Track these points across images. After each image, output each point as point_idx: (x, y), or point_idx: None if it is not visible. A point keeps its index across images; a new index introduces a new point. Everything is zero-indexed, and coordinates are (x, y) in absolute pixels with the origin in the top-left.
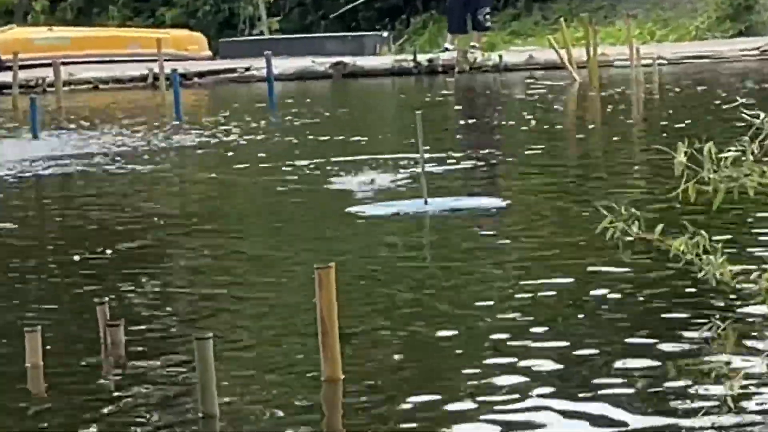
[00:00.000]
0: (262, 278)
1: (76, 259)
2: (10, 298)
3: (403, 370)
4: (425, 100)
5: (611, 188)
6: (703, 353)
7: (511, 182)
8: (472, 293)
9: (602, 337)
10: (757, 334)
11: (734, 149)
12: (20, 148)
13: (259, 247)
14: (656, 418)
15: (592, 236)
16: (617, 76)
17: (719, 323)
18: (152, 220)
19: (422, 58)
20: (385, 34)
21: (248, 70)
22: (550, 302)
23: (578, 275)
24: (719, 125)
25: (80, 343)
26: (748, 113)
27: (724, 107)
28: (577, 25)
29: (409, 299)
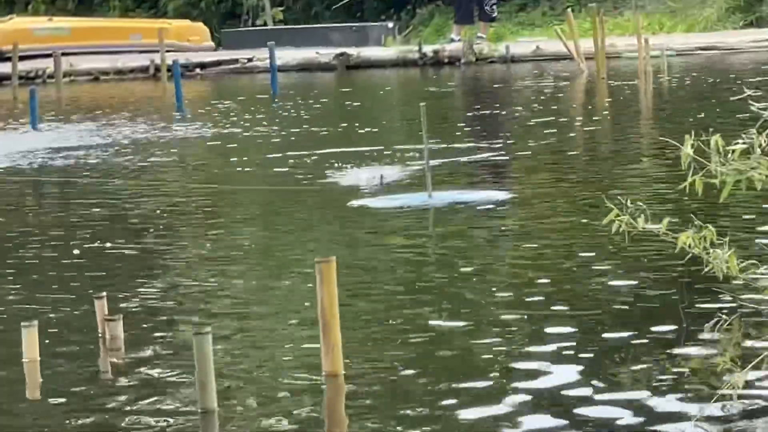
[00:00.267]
0: (262, 272)
1: (75, 252)
2: (7, 291)
3: (404, 364)
4: (430, 91)
5: (618, 180)
6: (709, 347)
7: (516, 175)
8: (476, 287)
9: (607, 330)
10: (763, 327)
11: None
12: (19, 139)
13: (259, 240)
14: (662, 411)
15: (597, 229)
16: (625, 67)
17: (725, 317)
18: (152, 212)
19: (428, 49)
20: (390, 24)
21: (251, 61)
22: (555, 296)
23: (583, 268)
24: (727, 117)
25: (78, 337)
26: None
27: (732, 99)
28: (584, 15)
29: (411, 293)
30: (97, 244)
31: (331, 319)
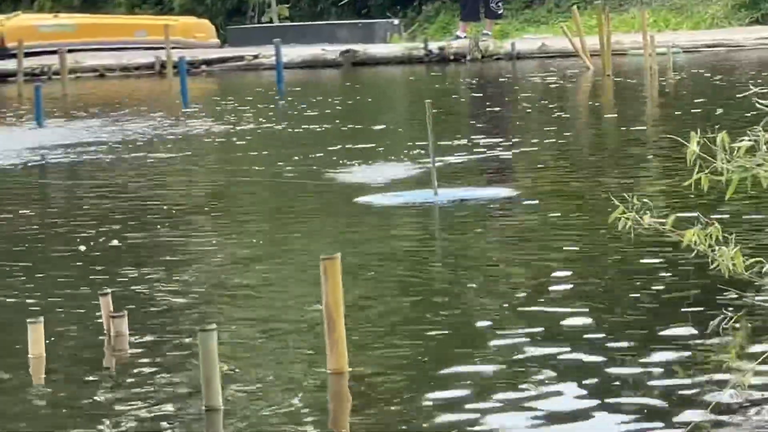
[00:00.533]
0: (267, 268)
1: (81, 248)
2: (13, 288)
3: (409, 362)
4: (436, 88)
5: (624, 178)
6: (714, 344)
7: (522, 172)
8: (481, 284)
9: (612, 328)
10: None
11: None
12: (24, 136)
13: (265, 237)
14: (667, 408)
15: (603, 226)
16: (631, 64)
17: (731, 314)
18: (158, 209)
19: (433, 46)
20: (396, 21)
21: (257, 57)
22: (560, 293)
23: (588, 265)
24: (733, 114)
25: (83, 334)
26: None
27: (738, 96)
28: (590, 12)
29: (416, 290)
30: (102, 240)
31: (335, 316)
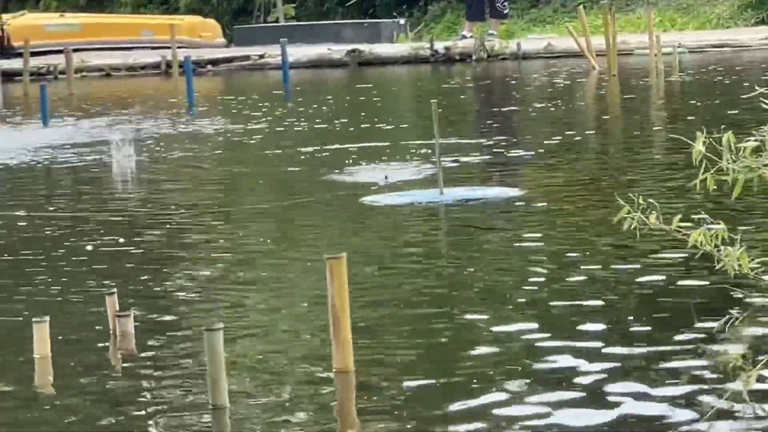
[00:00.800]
0: (273, 268)
1: (88, 248)
2: (19, 287)
3: (415, 361)
4: (442, 88)
5: (629, 178)
6: (719, 345)
7: (527, 172)
8: (487, 284)
9: (617, 328)
10: None
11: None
12: (30, 135)
13: (270, 236)
14: (672, 408)
15: (608, 226)
16: (636, 64)
17: (737, 315)
18: (163, 209)
19: (439, 45)
20: (402, 21)
21: (262, 57)
22: (565, 293)
23: (594, 266)
24: (739, 114)
25: (89, 333)
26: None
27: (743, 96)
28: (596, 12)
29: (422, 290)
30: (107, 240)
31: (341, 315)
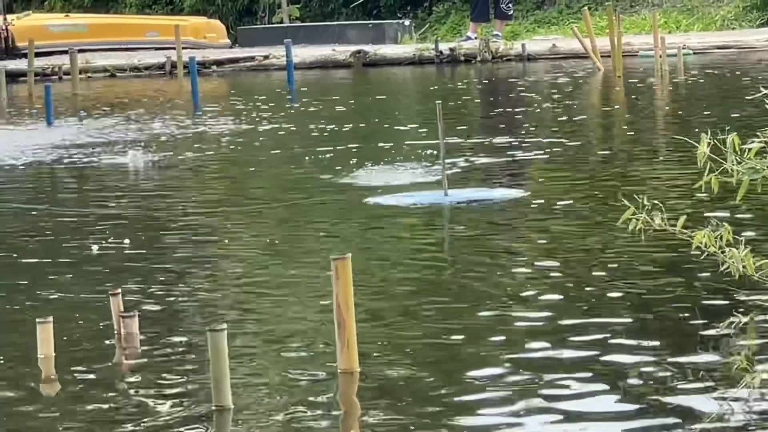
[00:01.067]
0: (277, 269)
1: (94, 248)
2: (23, 287)
3: (420, 361)
4: (446, 89)
5: (634, 179)
6: (724, 347)
7: (532, 173)
8: (491, 285)
9: (620, 329)
10: None
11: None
12: (34, 136)
13: (275, 237)
14: (676, 410)
15: (613, 228)
16: (641, 66)
17: (741, 317)
18: (169, 209)
19: (444, 46)
20: (406, 22)
21: (267, 58)
22: (570, 294)
23: (598, 267)
24: (744, 116)
25: (93, 333)
26: None
27: (748, 98)
28: (601, 13)
29: (427, 291)
30: (112, 240)
31: (346, 316)
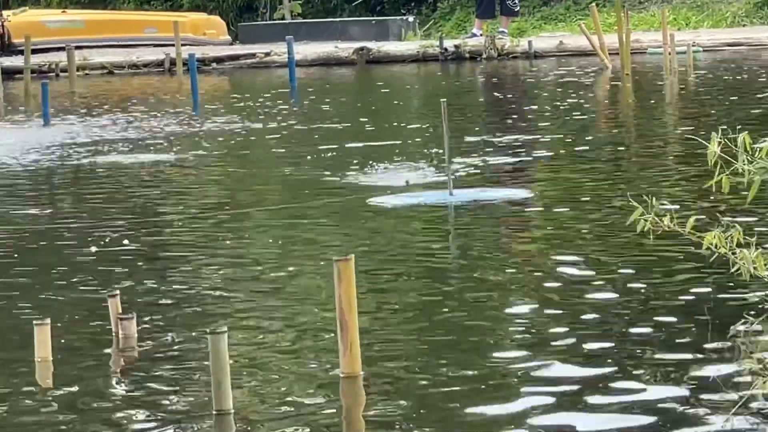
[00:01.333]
0: (279, 270)
1: (93, 249)
2: (19, 289)
3: (424, 365)
4: (452, 87)
5: (642, 179)
6: (735, 349)
7: (539, 172)
8: (497, 286)
9: (629, 331)
10: None
11: None
12: (31, 135)
13: (277, 238)
14: (688, 413)
15: (621, 228)
16: (650, 63)
17: (753, 318)
18: (169, 209)
19: (449, 43)
20: (410, 18)
21: (268, 55)
22: (577, 295)
23: (606, 268)
24: (755, 115)
25: (91, 336)
26: None
27: (759, 96)
28: (609, 10)
29: (431, 292)
30: (110, 241)
31: (349, 318)
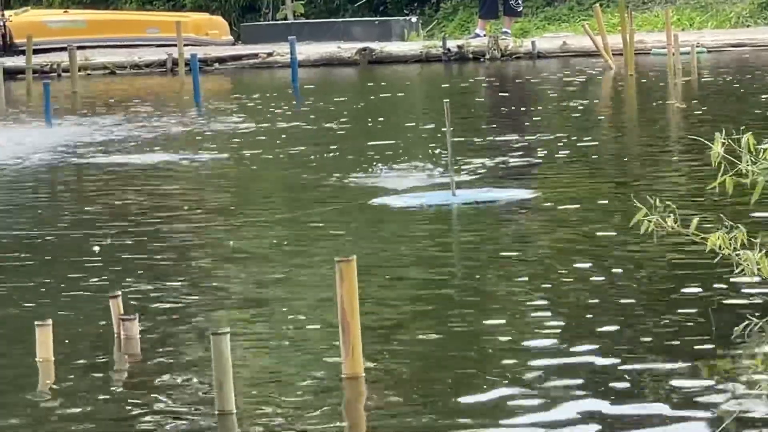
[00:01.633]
0: (281, 271)
1: (95, 249)
2: (21, 289)
3: (426, 366)
4: (455, 87)
5: (646, 179)
6: (739, 350)
7: (542, 173)
8: (499, 288)
9: (633, 333)
10: None
11: None
12: (33, 135)
13: (279, 238)
14: (691, 414)
15: (624, 229)
16: (654, 63)
17: (756, 320)
18: (170, 210)
19: (452, 44)
20: (413, 19)
21: (271, 55)
22: (580, 296)
23: (609, 269)
24: (759, 116)
25: (93, 337)
26: None
27: (764, 97)
28: (613, 10)
29: (433, 293)
30: (112, 241)
31: (351, 319)
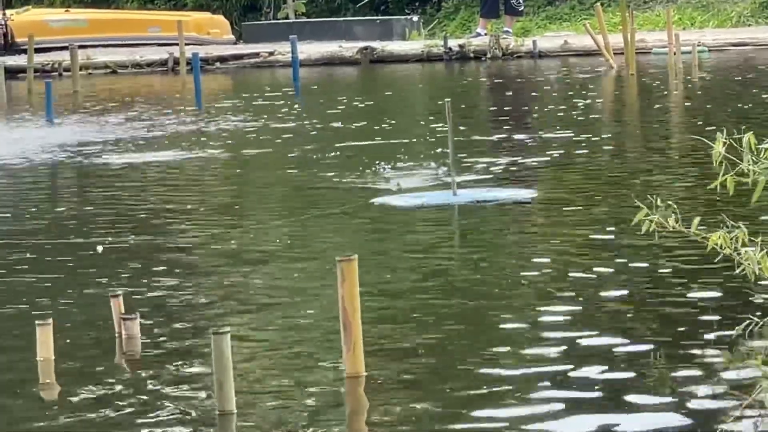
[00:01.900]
0: (282, 270)
1: (99, 249)
2: (22, 288)
3: (428, 365)
4: (456, 86)
5: (647, 179)
6: (739, 350)
7: (543, 172)
8: (501, 287)
9: (633, 332)
10: None
11: None
12: (34, 134)
13: (280, 238)
14: (691, 415)
15: (625, 229)
16: (655, 63)
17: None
18: (171, 209)
19: (453, 43)
20: (415, 18)
21: (272, 54)
22: (581, 295)
23: (610, 269)
24: (760, 115)
25: (94, 336)
26: None
27: (765, 96)
28: (614, 10)
29: (435, 293)
30: (114, 240)
31: (352, 318)
